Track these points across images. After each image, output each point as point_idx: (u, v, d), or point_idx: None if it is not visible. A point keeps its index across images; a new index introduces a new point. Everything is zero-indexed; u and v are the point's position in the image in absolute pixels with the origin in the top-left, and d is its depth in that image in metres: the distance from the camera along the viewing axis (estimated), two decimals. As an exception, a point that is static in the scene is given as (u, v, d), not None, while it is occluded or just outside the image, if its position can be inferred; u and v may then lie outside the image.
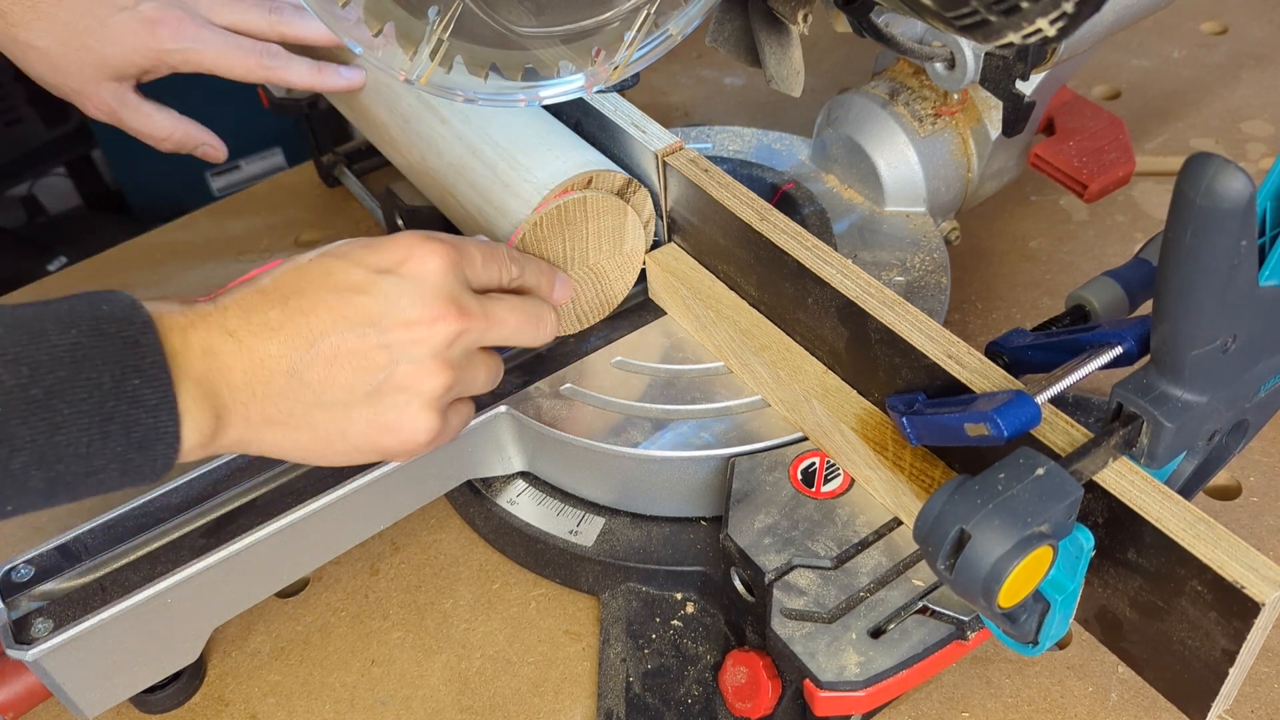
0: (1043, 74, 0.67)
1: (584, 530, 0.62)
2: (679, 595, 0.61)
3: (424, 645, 0.62)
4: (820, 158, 0.77)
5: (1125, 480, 0.46)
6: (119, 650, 0.54)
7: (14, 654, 0.51)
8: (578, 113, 0.69)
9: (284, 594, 0.65)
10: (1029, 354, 0.55)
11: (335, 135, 0.95)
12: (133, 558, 0.55)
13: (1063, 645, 0.60)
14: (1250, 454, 0.68)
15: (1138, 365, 0.48)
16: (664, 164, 0.64)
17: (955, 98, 0.72)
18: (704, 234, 0.64)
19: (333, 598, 0.65)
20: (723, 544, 0.55)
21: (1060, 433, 0.48)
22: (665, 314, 0.68)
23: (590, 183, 0.61)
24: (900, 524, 0.55)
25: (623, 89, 0.65)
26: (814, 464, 0.58)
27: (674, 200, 0.66)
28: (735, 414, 0.61)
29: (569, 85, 0.61)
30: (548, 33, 0.57)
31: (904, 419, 0.50)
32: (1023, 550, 0.40)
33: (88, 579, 0.54)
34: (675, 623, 0.60)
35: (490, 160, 0.63)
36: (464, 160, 0.65)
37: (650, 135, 0.65)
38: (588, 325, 0.66)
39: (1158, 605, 0.46)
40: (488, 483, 0.65)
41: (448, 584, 0.65)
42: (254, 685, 0.61)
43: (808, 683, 0.50)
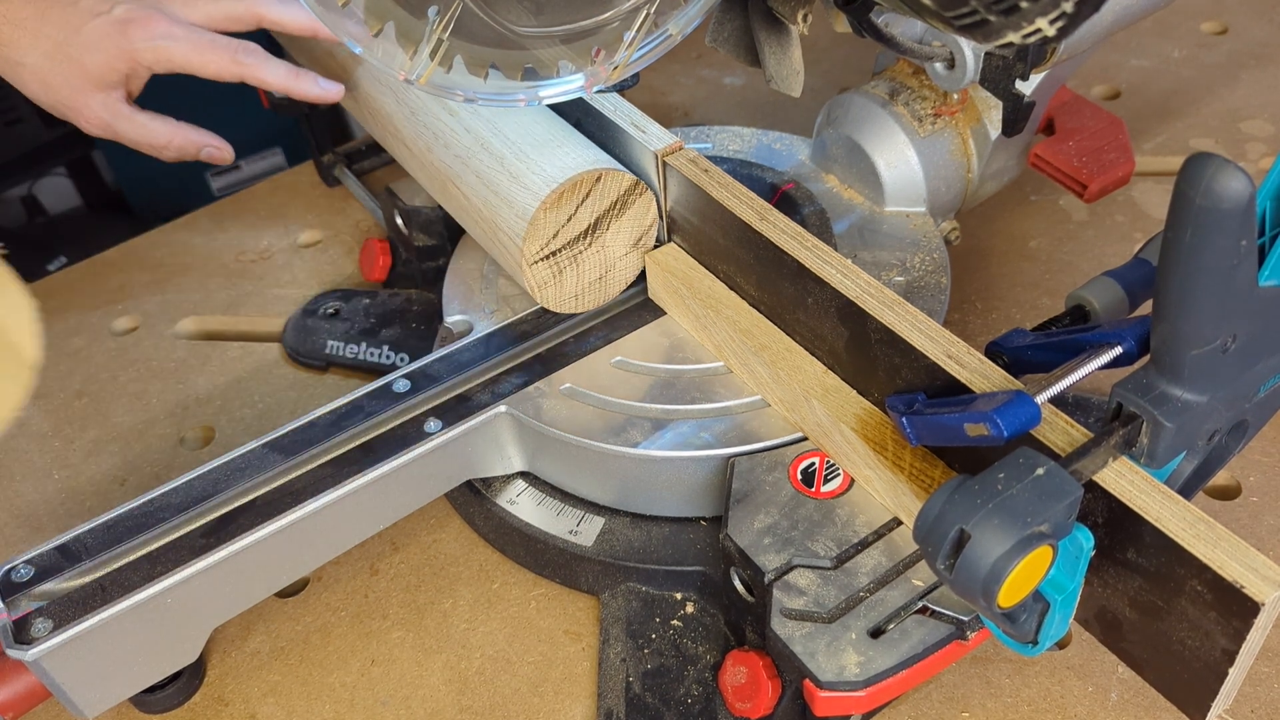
0: (1042, 74, 0.67)
1: (584, 530, 0.62)
2: (679, 595, 0.61)
3: (424, 645, 0.62)
4: (820, 158, 0.77)
5: (1125, 480, 0.46)
6: (119, 650, 0.54)
7: (14, 654, 0.51)
8: (578, 112, 0.69)
9: (284, 594, 0.65)
10: (1029, 354, 0.55)
11: (335, 135, 0.95)
12: (133, 558, 0.55)
13: (1063, 645, 0.60)
14: (1250, 454, 0.68)
15: (1138, 365, 0.48)
16: (664, 164, 0.64)
17: (955, 98, 0.72)
18: (704, 234, 0.64)
19: (332, 598, 0.65)
20: (722, 544, 0.55)
21: (1060, 433, 0.48)
22: (665, 314, 0.68)
23: (599, 180, 0.61)
24: (900, 524, 0.55)
25: (622, 89, 0.65)
26: (814, 464, 0.58)
27: (674, 200, 0.66)
28: (735, 414, 0.61)
29: (569, 85, 0.61)
30: (547, 33, 0.57)
31: (904, 419, 0.50)
32: (1022, 550, 0.40)
33: (88, 579, 0.54)
34: (675, 623, 0.60)
35: (499, 153, 0.63)
36: (471, 152, 0.65)
37: (650, 135, 0.65)
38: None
39: (1157, 605, 0.46)
40: (488, 483, 0.65)
41: (447, 584, 0.65)
42: (254, 685, 0.61)
43: (807, 683, 0.50)
